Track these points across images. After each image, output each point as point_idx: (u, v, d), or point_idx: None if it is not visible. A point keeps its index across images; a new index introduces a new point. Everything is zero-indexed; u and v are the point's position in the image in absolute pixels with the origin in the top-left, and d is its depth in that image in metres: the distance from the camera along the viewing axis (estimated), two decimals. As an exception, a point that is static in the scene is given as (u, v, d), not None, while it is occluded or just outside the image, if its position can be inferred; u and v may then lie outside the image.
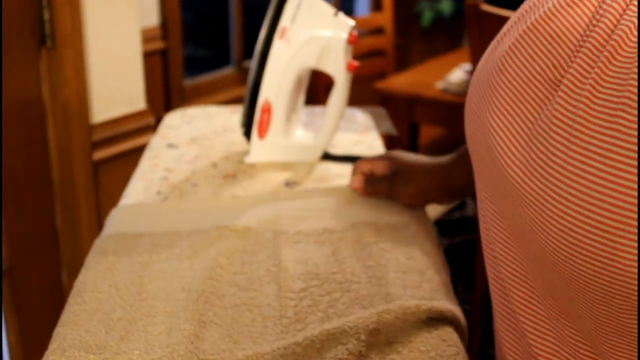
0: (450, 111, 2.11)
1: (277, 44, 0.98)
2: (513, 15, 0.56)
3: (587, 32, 0.47)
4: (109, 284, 0.71)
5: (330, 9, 0.98)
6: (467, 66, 2.12)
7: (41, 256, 1.51)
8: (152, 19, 2.08)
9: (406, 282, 0.72)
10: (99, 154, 1.56)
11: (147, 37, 1.96)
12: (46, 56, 1.43)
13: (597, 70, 0.44)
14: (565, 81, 0.46)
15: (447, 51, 3.11)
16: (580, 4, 0.48)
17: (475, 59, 1.66)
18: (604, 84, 0.43)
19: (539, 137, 0.46)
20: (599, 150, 0.42)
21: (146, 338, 0.63)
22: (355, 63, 0.99)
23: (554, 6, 0.49)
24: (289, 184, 0.97)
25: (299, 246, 0.78)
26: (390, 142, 2.15)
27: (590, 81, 0.44)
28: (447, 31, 3.60)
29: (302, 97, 1.08)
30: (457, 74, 2.12)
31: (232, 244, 0.78)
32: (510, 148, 0.49)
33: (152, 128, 1.63)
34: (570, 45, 0.47)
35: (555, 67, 0.48)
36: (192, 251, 0.77)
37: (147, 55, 1.93)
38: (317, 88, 2.46)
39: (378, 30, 2.83)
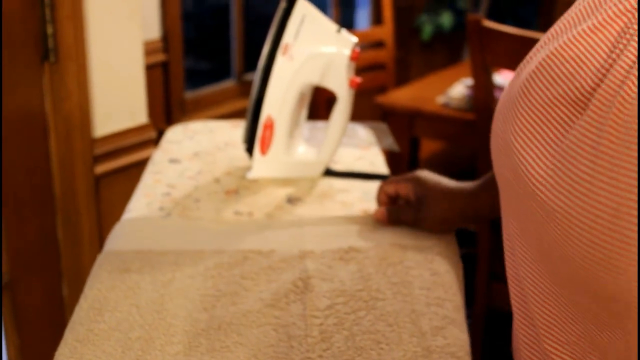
0: (451, 126, 2.12)
1: (279, 60, 0.98)
2: (536, 44, 0.58)
3: (613, 56, 0.48)
4: (130, 303, 0.71)
5: (333, 26, 0.99)
6: (468, 81, 2.13)
7: (42, 270, 1.51)
8: (154, 31, 2.09)
9: (430, 298, 0.73)
10: (101, 168, 1.56)
11: (148, 50, 1.97)
12: (49, 70, 1.43)
13: (623, 92, 0.46)
14: (594, 100, 0.48)
15: (447, 65, 3.12)
16: (603, 30, 0.50)
17: (476, 74, 1.67)
18: (629, 105, 0.45)
19: (565, 155, 0.48)
20: (626, 165, 0.44)
21: (163, 357, 0.63)
22: (358, 79, 1.00)
23: (578, 33, 0.51)
24: (291, 200, 0.97)
25: (324, 261, 0.78)
26: (392, 158, 2.16)
27: (617, 102, 0.46)
28: (447, 45, 3.61)
29: (304, 113, 1.08)
30: (458, 89, 2.13)
31: (257, 264, 0.78)
32: (535, 167, 0.51)
33: (154, 142, 1.63)
34: (594, 69, 0.49)
35: (579, 89, 0.49)
36: (217, 272, 0.77)
37: (148, 68, 1.94)
38: (318, 103, 2.47)
39: (378, 44, 2.84)
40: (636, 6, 0.49)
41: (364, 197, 0.98)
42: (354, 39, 0.99)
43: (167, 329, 0.67)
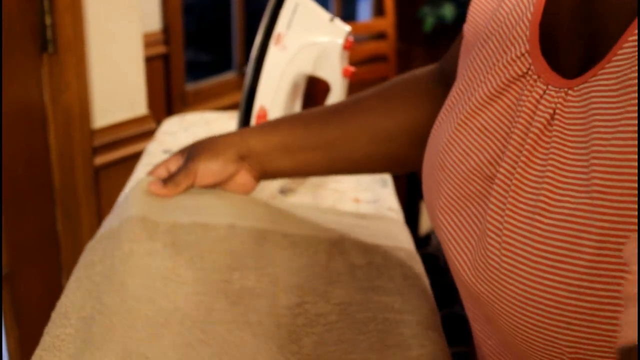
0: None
1: (272, 50, 0.98)
2: (445, 103, 0.56)
3: (511, 127, 0.48)
4: (94, 297, 0.64)
5: (326, 15, 0.99)
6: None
7: (42, 261, 1.52)
8: (154, 23, 2.09)
9: (404, 305, 0.68)
10: (100, 159, 1.56)
11: (148, 41, 1.97)
12: (47, 61, 1.43)
13: (519, 167, 0.45)
14: (499, 175, 0.47)
15: (450, 56, 3.10)
16: (503, 96, 0.49)
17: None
18: (526, 182, 0.44)
19: (482, 235, 0.47)
20: (523, 254, 0.43)
21: (125, 343, 0.58)
22: (352, 69, 1.00)
23: (481, 98, 0.51)
24: (283, 190, 0.97)
25: (289, 253, 0.73)
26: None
27: (515, 179, 0.45)
28: (449, 37, 3.59)
29: (298, 103, 1.08)
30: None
31: (217, 244, 0.71)
32: (460, 246, 0.50)
33: (154, 133, 1.64)
34: (499, 140, 0.49)
35: (490, 163, 0.49)
36: (175, 250, 0.69)
37: (149, 60, 1.94)
38: (315, 93, 2.46)
39: (380, 36, 2.84)
40: (524, 72, 0.48)
41: (356, 188, 0.97)
42: (347, 28, 0.99)
43: (128, 312, 0.61)
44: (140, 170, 1.03)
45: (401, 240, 0.82)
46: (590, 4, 0.46)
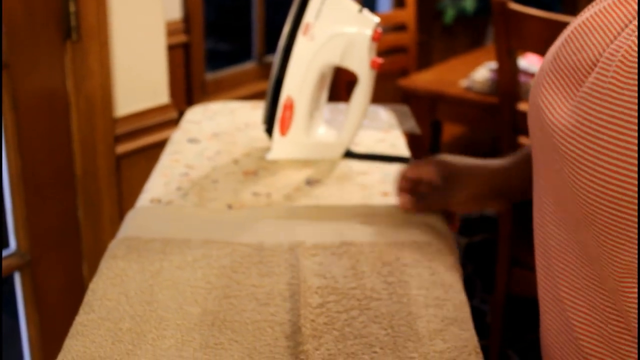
0: (473, 110, 2.09)
1: (300, 40, 0.97)
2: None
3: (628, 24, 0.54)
4: (119, 292, 0.68)
5: (354, 6, 0.98)
6: (492, 65, 2.10)
7: (62, 249, 1.52)
8: (175, 12, 2.08)
9: (429, 299, 0.69)
10: (122, 148, 1.56)
11: (169, 30, 1.97)
12: (71, 49, 1.43)
13: (620, 56, 0.52)
14: (602, 58, 0.53)
15: (469, 49, 3.09)
16: (627, 3, 0.55)
17: (500, 57, 1.64)
18: (629, 63, 0.50)
19: (580, 106, 0.54)
20: (626, 111, 0.49)
21: (154, 352, 0.61)
22: (380, 60, 0.99)
23: (608, 5, 0.56)
24: (310, 181, 0.96)
25: (316, 258, 0.75)
26: (413, 141, 2.14)
27: (619, 58, 0.52)
28: (469, 29, 3.57)
29: (325, 94, 1.07)
30: (482, 73, 2.10)
31: (246, 257, 0.75)
32: (555, 116, 0.56)
33: (175, 122, 1.63)
34: (611, 36, 0.55)
35: (599, 53, 0.55)
36: (205, 262, 0.74)
37: (170, 49, 1.93)
38: (339, 84, 2.45)
39: (400, 27, 2.82)
40: None
41: (384, 179, 0.97)
42: (376, 19, 0.98)
43: (158, 322, 0.64)
44: (166, 158, 1.02)
45: (434, 233, 0.82)
46: None
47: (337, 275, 0.72)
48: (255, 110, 1.22)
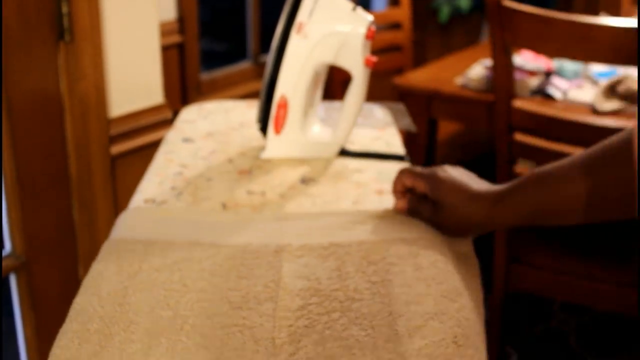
0: (469, 107, 2.09)
1: (294, 39, 0.97)
2: None
3: None
4: (92, 293, 0.67)
5: (348, 4, 0.97)
6: (487, 62, 2.10)
7: (58, 250, 1.52)
8: (169, 12, 2.08)
9: (410, 296, 0.68)
10: (117, 148, 1.56)
11: (164, 31, 1.96)
12: (64, 50, 1.43)
13: None
14: None
15: (464, 47, 3.09)
16: None
17: (495, 55, 1.64)
18: None
19: None
20: None
21: (120, 356, 0.60)
22: (374, 59, 0.98)
23: None
24: (304, 180, 0.96)
25: (301, 260, 0.73)
26: (409, 138, 2.14)
27: None
28: (464, 27, 3.57)
29: (319, 93, 1.07)
30: (477, 70, 2.10)
31: (229, 259, 0.73)
32: None
33: (170, 122, 1.63)
34: None
35: None
36: (185, 265, 0.72)
37: (164, 49, 1.93)
38: (333, 83, 2.45)
39: (395, 25, 2.82)
40: None
41: (378, 178, 0.96)
42: (370, 18, 0.98)
43: (127, 325, 0.63)
44: (160, 158, 1.02)
45: (424, 227, 0.81)
46: None
47: (321, 277, 0.70)
48: (250, 110, 1.22)
